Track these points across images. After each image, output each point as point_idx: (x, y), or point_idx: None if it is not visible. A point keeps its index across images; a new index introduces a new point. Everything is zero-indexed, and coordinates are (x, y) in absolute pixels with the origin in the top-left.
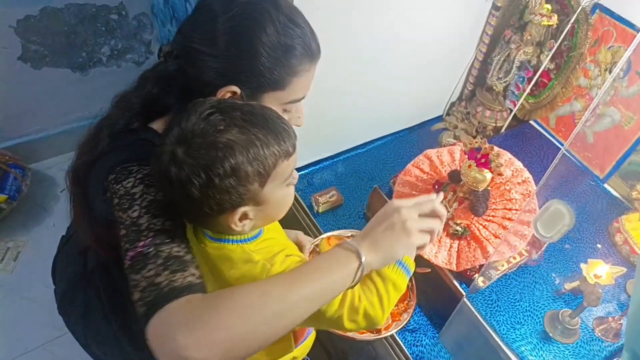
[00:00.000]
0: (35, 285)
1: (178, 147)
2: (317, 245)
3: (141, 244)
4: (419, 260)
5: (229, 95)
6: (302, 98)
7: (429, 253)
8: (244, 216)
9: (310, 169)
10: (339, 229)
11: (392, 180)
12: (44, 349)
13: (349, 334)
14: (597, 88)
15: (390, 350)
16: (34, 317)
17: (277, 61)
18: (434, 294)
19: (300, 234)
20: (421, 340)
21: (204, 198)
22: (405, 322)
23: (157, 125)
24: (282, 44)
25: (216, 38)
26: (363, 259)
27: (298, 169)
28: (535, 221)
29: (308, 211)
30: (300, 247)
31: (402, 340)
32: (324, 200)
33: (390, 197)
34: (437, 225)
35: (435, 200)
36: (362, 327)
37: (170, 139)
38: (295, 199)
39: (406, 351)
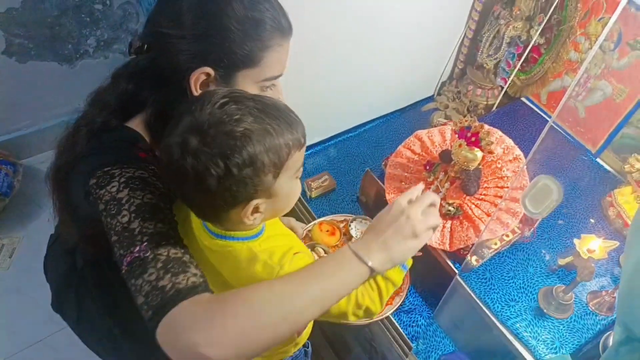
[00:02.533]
0: (31, 281)
1: (192, 137)
2: (309, 231)
3: (137, 249)
4: None
5: (203, 78)
6: (279, 76)
7: None
8: (256, 209)
9: None
10: (332, 213)
11: (383, 163)
12: (44, 343)
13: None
14: (588, 62)
15: (387, 331)
16: (32, 312)
17: (247, 35)
18: (428, 274)
19: (292, 220)
20: (417, 321)
21: (220, 190)
22: (397, 305)
23: (135, 124)
24: (251, 17)
25: (182, 17)
26: (370, 264)
27: None
28: (523, 197)
29: (301, 197)
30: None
31: (397, 322)
32: (317, 185)
33: (382, 180)
34: (439, 220)
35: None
36: (361, 318)
37: (182, 129)
38: None
39: (402, 332)
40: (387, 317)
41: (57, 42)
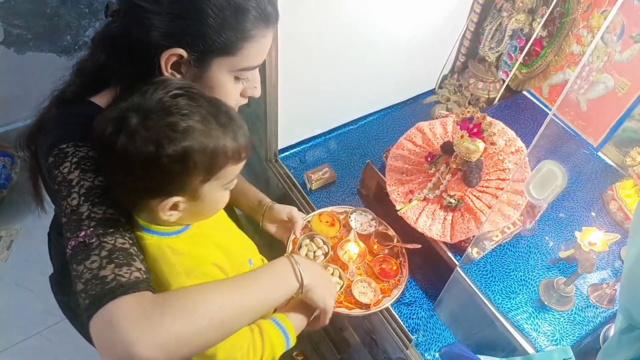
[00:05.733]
0: (30, 273)
1: (133, 117)
2: (309, 222)
3: (82, 233)
4: (411, 235)
5: (174, 59)
6: (257, 66)
7: (422, 226)
8: (175, 206)
9: (302, 147)
10: (332, 205)
11: (384, 155)
12: (41, 335)
13: (339, 310)
14: (591, 55)
15: (387, 324)
16: (30, 304)
17: (226, 23)
18: (429, 267)
19: (294, 210)
20: (417, 313)
21: (143, 175)
22: (395, 298)
23: (100, 99)
24: (233, 4)
25: None
26: (302, 282)
27: (291, 147)
28: (527, 184)
29: (301, 189)
30: (293, 223)
31: (398, 314)
32: (317, 177)
33: (383, 172)
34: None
35: None
36: None
37: (125, 106)
38: (288, 177)
39: (402, 324)
40: (387, 309)
41: (55, 33)
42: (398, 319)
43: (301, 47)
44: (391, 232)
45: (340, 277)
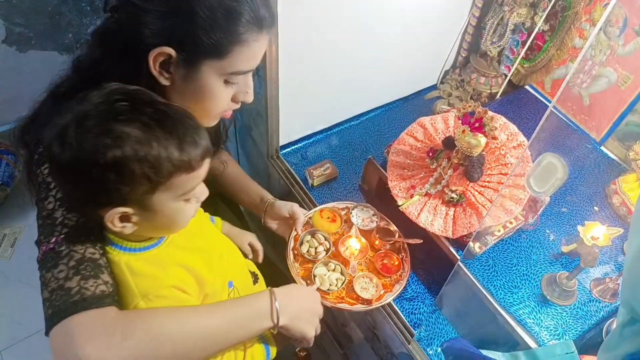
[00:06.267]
0: (33, 271)
1: (71, 125)
2: (310, 218)
3: (53, 239)
4: (413, 230)
5: (162, 58)
6: (249, 71)
7: (424, 221)
8: (126, 218)
9: (303, 143)
10: (334, 201)
11: (386, 150)
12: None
13: (340, 305)
14: (593, 49)
15: (389, 319)
16: (34, 302)
17: (217, 25)
18: (431, 262)
19: (295, 206)
20: (419, 308)
21: (79, 184)
22: (397, 293)
23: None
24: (225, 6)
25: None
26: (277, 323)
27: (292, 143)
28: (528, 177)
29: (303, 185)
30: (294, 220)
31: (400, 309)
32: (319, 173)
33: (384, 168)
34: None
35: None
36: None
37: (71, 113)
38: (290, 173)
39: (404, 319)
40: (390, 305)
41: (57, 31)
42: (400, 314)
43: (302, 43)
44: (393, 227)
45: (341, 273)
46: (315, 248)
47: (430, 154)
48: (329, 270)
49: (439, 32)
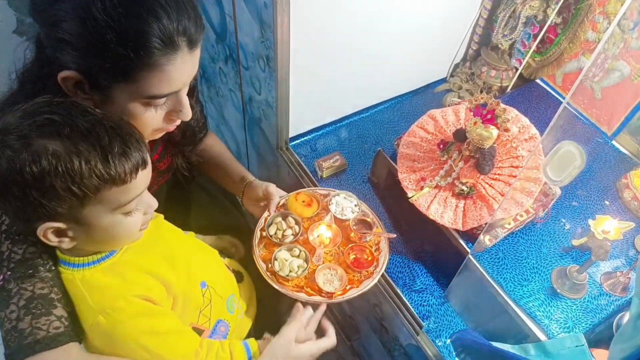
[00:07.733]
0: None
1: None
2: (286, 200)
3: (1, 276)
4: (423, 222)
5: (72, 81)
6: (169, 94)
7: (434, 214)
8: (61, 233)
9: (313, 135)
10: None
11: (396, 142)
12: None
13: (297, 294)
14: (606, 42)
15: (398, 310)
16: None
17: (120, 47)
18: (440, 254)
19: (271, 187)
20: (428, 300)
21: (5, 202)
22: (364, 290)
23: None
24: (124, 27)
25: (44, 7)
26: None
27: (302, 135)
28: (544, 165)
29: (312, 177)
30: (269, 200)
31: (409, 301)
32: (328, 165)
33: (394, 160)
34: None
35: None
36: None
37: None
38: (299, 165)
39: (413, 311)
40: (398, 296)
41: None
42: (409, 305)
43: (313, 35)
44: (371, 219)
45: (305, 261)
46: (284, 231)
47: (441, 146)
48: (292, 256)
49: (449, 25)
